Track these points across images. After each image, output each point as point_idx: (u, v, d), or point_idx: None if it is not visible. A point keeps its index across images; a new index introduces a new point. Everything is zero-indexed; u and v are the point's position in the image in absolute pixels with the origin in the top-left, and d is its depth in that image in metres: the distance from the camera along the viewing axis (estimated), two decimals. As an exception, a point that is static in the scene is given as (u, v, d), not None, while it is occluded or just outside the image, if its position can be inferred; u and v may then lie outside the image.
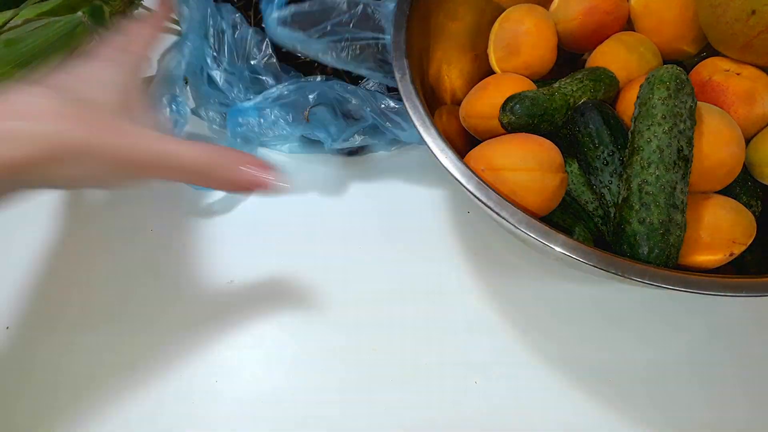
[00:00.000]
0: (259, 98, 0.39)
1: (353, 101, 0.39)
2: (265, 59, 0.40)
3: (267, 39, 0.40)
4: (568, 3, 0.39)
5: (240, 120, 0.38)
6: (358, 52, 0.37)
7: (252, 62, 0.40)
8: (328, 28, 0.36)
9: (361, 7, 0.36)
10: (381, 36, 0.37)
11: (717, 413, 0.34)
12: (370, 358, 0.36)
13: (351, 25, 0.36)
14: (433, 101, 0.36)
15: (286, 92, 0.38)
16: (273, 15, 0.36)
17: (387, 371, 0.36)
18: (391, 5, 0.36)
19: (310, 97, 0.39)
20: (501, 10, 0.40)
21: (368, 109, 0.39)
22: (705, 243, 0.31)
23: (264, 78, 0.40)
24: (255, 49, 0.40)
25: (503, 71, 0.40)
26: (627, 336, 0.37)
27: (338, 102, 0.39)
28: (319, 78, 0.40)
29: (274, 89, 0.39)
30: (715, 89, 0.34)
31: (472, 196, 0.29)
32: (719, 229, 0.31)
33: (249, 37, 0.40)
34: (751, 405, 0.34)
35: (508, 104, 0.35)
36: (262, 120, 0.38)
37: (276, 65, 0.40)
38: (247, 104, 0.39)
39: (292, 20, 0.36)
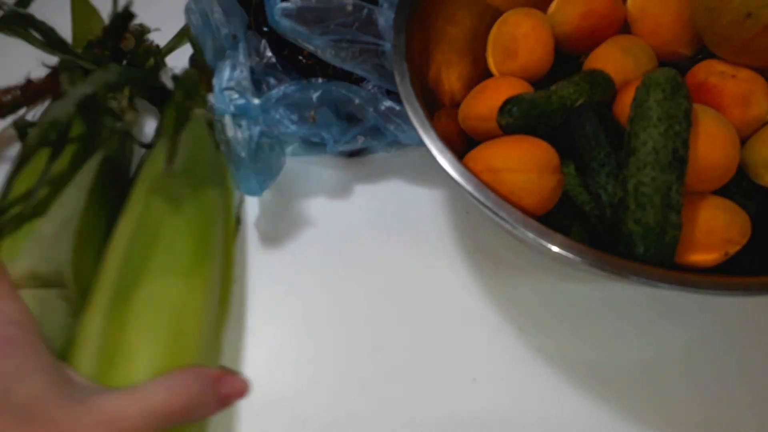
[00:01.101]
0: (263, 98, 0.39)
1: (356, 101, 0.39)
2: (265, 61, 0.40)
3: (264, 41, 0.40)
4: (565, 6, 0.40)
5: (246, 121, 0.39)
6: (357, 54, 0.37)
7: (251, 65, 0.41)
8: (331, 27, 0.36)
9: (366, 11, 0.37)
10: (381, 42, 0.37)
11: (714, 412, 0.34)
12: (370, 356, 0.36)
13: (354, 27, 0.36)
14: (432, 104, 0.37)
15: (290, 92, 0.39)
16: (278, 5, 0.36)
17: (386, 369, 0.36)
18: (392, 13, 0.36)
19: (315, 95, 0.39)
20: (499, 13, 0.41)
21: (371, 110, 0.39)
22: (700, 242, 0.32)
23: (264, 80, 0.41)
24: (254, 53, 0.41)
25: (501, 74, 0.40)
26: (624, 335, 0.37)
27: (341, 103, 0.40)
28: (320, 80, 0.40)
29: (276, 90, 0.39)
30: (710, 91, 0.35)
31: (470, 197, 0.30)
32: (715, 228, 0.32)
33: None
34: (748, 404, 0.35)
35: (505, 106, 0.35)
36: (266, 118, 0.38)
37: (277, 66, 0.41)
38: (255, 102, 0.38)
39: (297, 14, 0.36)
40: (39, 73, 0.40)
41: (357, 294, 0.39)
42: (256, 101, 0.37)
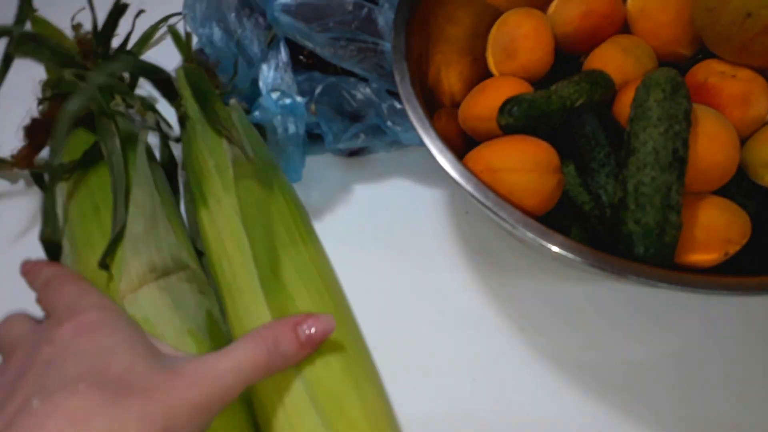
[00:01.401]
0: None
1: (359, 97, 0.39)
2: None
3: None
4: (565, 6, 0.40)
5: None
6: (355, 53, 0.37)
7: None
8: (330, 25, 0.36)
9: (366, 10, 0.37)
10: (380, 42, 0.37)
11: (712, 412, 0.34)
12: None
13: (353, 26, 0.36)
14: (432, 104, 0.37)
15: (297, 81, 0.39)
16: (278, 1, 0.36)
17: (385, 368, 0.36)
18: (392, 14, 0.36)
19: (319, 87, 0.39)
20: (499, 13, 0.41)
21: (372, 108, 0.39)
22: (700, 242, 0.32)
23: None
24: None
25: (501, 74, 0.40)
26: (623, 334, 0.37)
27: (344, 100, 0.40)
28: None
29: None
30: (710, 91, 0.35)
31: (470, 197, 0.30)
32: (714, 228, 0.32)
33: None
34: (745, 404, 0.35)
35: (506, 106, 0.35)
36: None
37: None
38: (300, 101, 0.38)
39: (297, 10, 0.36)
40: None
41: (355, 293, 0.39)
42: (301, 99, 0.37)
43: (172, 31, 0.40)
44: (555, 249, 0.28)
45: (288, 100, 0.37)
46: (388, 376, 0.36)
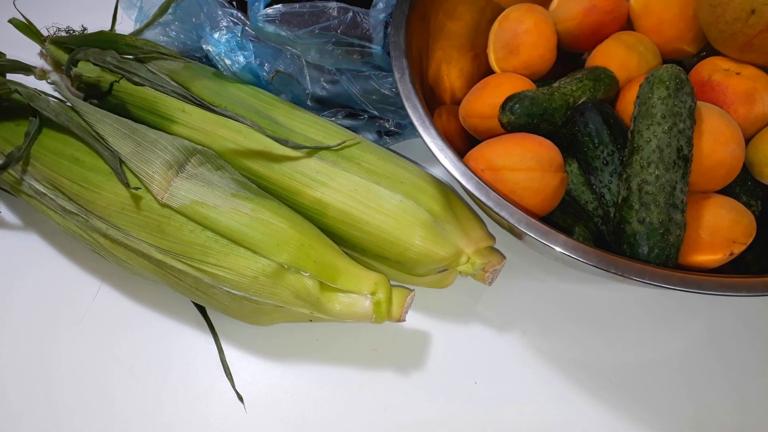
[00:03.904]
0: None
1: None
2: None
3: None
4: (567, 2, 0.39)
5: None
6: (342, 56, 0.37)
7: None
8: (316, 31, 0.36)
9: (351, 14, 0.36)
10: (368, 44, 0.37)
11: (716, 413, 0.34)
12: (370, 358, 0.36)
13: (339, 30, 0.36)
14: (432, 101, 0.36)
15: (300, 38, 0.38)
16: (261, 12, 0.36)
17: (386, 371, 0.36)
18: (381, 15, 0.36)
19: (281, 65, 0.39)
20: (500, 9, 0.40)
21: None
22: (705, 242, 0.31)
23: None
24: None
25: (503, 71, 0.40)
26: (626, 336, 0.37)
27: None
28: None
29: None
30: (714, 89, 0.34)
31: (471, 196, 0.29)
32: (719, 228, 0.31)
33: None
34: (749, 405, 0.34)
35: (507, 104, 0.35)
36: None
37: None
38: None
39: (281, 19, 0.36)
40: None
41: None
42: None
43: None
44: (558, 249, 0.27)
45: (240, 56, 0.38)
46: (387, 379, 0.35)
